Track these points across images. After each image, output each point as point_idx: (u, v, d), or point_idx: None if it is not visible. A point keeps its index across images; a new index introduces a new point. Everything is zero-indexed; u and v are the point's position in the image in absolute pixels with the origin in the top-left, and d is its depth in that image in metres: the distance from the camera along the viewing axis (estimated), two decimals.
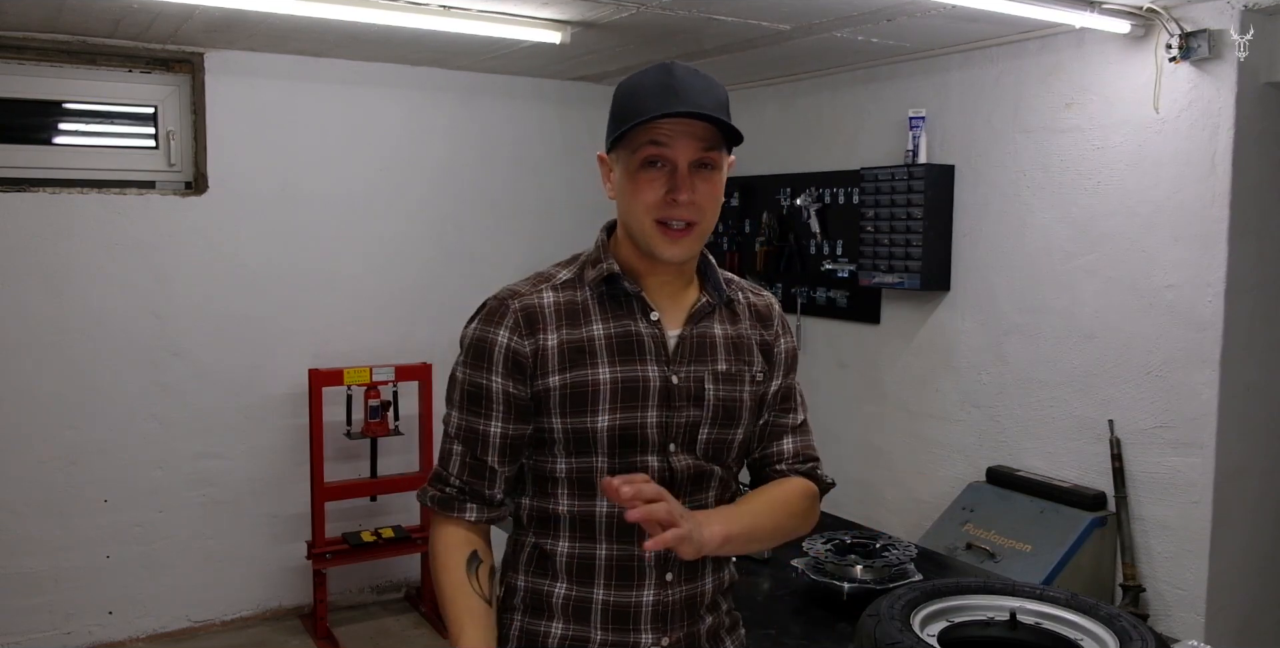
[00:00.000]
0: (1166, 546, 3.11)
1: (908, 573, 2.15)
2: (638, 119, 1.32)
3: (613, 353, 1.39)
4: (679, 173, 1.35)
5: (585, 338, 1.39)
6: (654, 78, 1.35)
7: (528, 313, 1.40)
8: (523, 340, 1.39)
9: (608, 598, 1.40)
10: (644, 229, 1.37)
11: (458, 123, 4.34)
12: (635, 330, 1.41)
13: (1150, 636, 1.58)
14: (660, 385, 1.39)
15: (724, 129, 1.34)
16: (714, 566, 1.48)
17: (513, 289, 1.44)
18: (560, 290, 1.43)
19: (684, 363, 1.42)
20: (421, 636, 4.00)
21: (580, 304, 1.42)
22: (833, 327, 4.26)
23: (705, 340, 1.45)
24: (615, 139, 1.36)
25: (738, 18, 3.16)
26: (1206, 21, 2.89)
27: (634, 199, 1.37)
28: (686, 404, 1.41)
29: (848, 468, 4.16)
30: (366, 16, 2.97)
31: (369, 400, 3.97)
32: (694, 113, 1.31)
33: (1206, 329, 2.97)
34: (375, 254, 4.21)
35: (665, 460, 1.40)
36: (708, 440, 1.43)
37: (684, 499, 1.40)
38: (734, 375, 1.45)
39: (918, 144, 3.71)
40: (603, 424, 1.37)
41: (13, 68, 3.54)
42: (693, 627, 1.45)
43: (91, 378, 3.70)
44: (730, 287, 1.52)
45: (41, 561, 3.67)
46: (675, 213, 1.35)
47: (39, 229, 3.58)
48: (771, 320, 1.54)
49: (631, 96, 1.36)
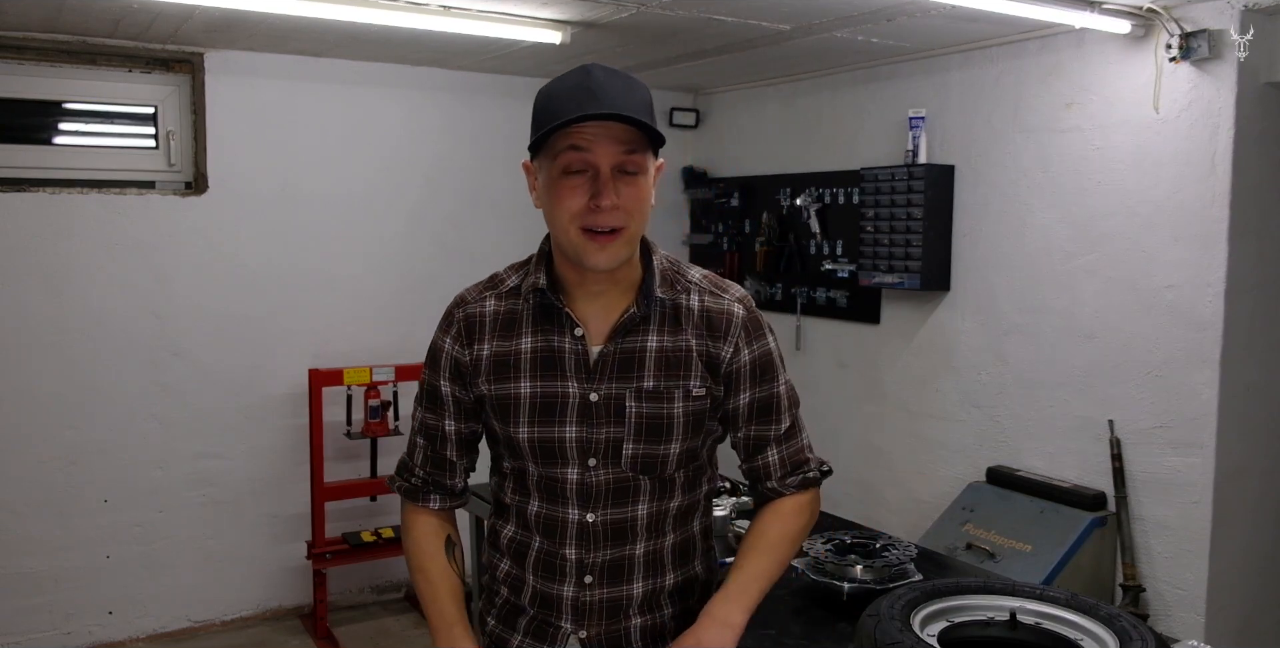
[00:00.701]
0: (1166, 546, 3.11)
1: (908, 573, 2.14)
2: (554, 123, 1.29)
3: (535, 367, 1.43)
4: (601, 177, 1.32)
5: (512, 351, 1.44)
6: (572, 81, 1.32)
7: (469, 323, 1.47)
8: (463, 350, 1.47)
9: (536, 585, 1.50)
10: (570, 238, 1.35)
11: (458, 123, 4.34)
12: (558, 346, 1.42)
13: (1150, 636, 1.58)
14: (579, 402, 1.41)
15: (645, 130, 1.31)
16: (650, 573, 1.49)
17: (463, 296, 1.51)
18: (504, 298, 1.47)
19: (605, 380, 1.42)
20: (421, 636, 3.99)
21: (516, 314, 1.46)
22: (833, 327, 4.26)
23: (631, 356, 1.42)
24: (535, 144, 1.34)
25: (738, 18, 3.16)
26: (1206, 21, 2.89)
27: (558, 207, 1.34)
28: (606, 421, 1.42)
29: (848, 468, 4.17)
30: (366, 16, 2.97)
31: (369, 400, 3.97)
32: (610, 114, 1.28)
33: (1206, 329, 2.97)
34: (375, 254, 4.21)
35: (584, 474, 1.43)
36: (634, 455, 1.43)
37: (606, 510, 1.45)
38: (660, 392, 1.42)
39: (918, 144, 3.71)
40: (523, 436, 1.44)
41: (13, 68, 3.54)
42: (615, 625, 1.48)
43: (91, 378, 3.70)
44: (681, 290, 1.46)
45: (41, 561, 3.67)
46: (600, 219, 1.33)
47: (39, 229, 3.58)
48: (725, 331, 1.45)
49: (549, 100, 1.33)
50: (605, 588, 1.48)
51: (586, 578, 1.47)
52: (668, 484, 1.48)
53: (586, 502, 1.45)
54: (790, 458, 1.53)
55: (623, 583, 1.49)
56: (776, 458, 1.52)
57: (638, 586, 1.49)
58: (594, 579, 1.47)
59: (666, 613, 1.52)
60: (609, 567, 1.48)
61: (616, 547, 1.47)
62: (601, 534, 1.46)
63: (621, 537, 1.47)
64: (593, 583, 1.47)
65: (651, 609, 1.51)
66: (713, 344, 1.45)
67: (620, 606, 1.48)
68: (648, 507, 1.47)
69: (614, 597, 1.49)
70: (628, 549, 1.48)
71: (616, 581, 1.48)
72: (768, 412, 1.51)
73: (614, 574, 1.48)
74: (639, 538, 1.48)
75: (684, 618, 1.52)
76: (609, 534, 1.46)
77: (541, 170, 1.37)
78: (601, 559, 1.47)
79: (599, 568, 1.47)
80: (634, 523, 1.47)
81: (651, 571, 1.50)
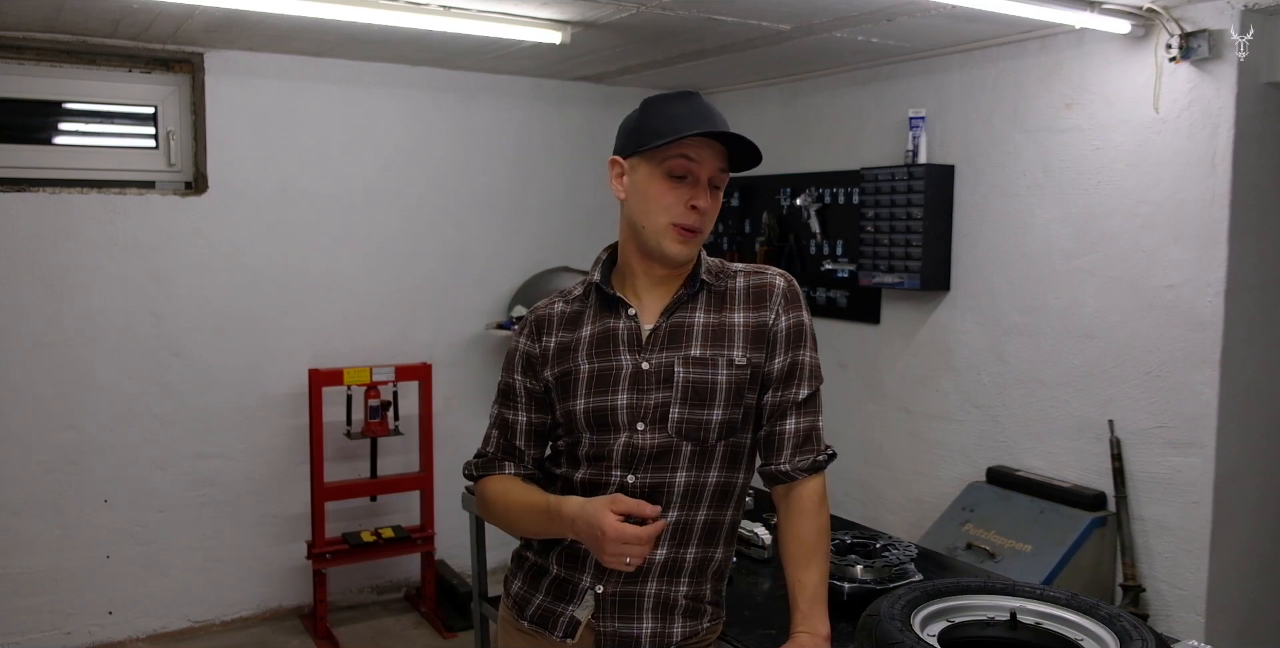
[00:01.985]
0: (1166, 546, 3.11)
1: (908, 573, 2.15)
2: (677, 134, 1.51)
3: (592, 347, 1.62)
4: (699, 185, 1.55)
5: (574, 339, 1.64)
6: (684, 102, 1.56)
7: (539, 322, 1.69)
8: (533, 344, 1.67)
9: (567, 540, 1.61)
10: (658, 228, 1.56)
11: (458, 123, 4.34)
12: (614, 326, 1.62)
13: (1150, 636, 1.58)
14: (631, 371, 1.58)
15: (743, 154, 1.56)
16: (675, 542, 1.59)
17: (536, 306, 1.73)
18: (570, 302, 1.69)
19: (656, 350, 1.59)
20: (422, 636, 4.00)
21: (581, 313, 1.66)
22: (833, 327, 4.26)
23: (680, 329, 1.60)
24: (645, 148, 1.54)
25: (738, 18, 3.16)
26: (1206, 21, 2.89)
27: (655, 202, 1.56)
28: (656, 387, 1.57)
29: (848, 468, 4.17)
30: (366, 16, 2.97)
31: (369, 400, 3.97)
32: (728, 134, 1.52)
33: (1206, 329, 2.97)
34: (375, 254, 4.21)
35: (632, 436, 1.57)
36: (679, 419, 1.56)
37: (646, 473, 1.57)
38: (706, 360, 1.57)
39: (918, 144, 3.71)
40: (580, 407, 1.59)
41: (13, 68, 3.54)
42: (631, 587, 1.59)
43: (91, 378, 3.71)
44: (727, 277, 1.65)
45: (41, 561, 3.67)
46: (691, 219, 1.55)
47: (39, 229, 3.58)
48: (769, 299, 1.62)
49: (664, 113, 1.56)
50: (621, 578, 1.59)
51: None
52: (707, 455, 1.58)
53: (630, 464, 1.57)
54: (805, 431, 1.61)
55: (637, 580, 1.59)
56: (792, 427, 1.61)
57: (661, 551, 1.58)
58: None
59: (681, 590, 1.61)
60: None
61: None
62: (638, 497, 1.54)
63: (656, 501, 1.54)
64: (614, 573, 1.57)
65: (668, 581, 1.60)
66: (759, 314, 1.61)
67: (640, 568, 1.55)
68: (686, 475, 1.58)
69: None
70: None
71: (632, 577, 1.58)
72: (792, 377, 1.61)
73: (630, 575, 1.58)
74: (673, 505, 1.58)
75: (695, 599, 1.62)
76: (645, 497, 1.55)
77: (639, 168, 1.57)
78: (633, 521, 1.53)
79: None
80: (670, 489, 1.58)
81: (677, 540, 1.59)
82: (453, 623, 3.99)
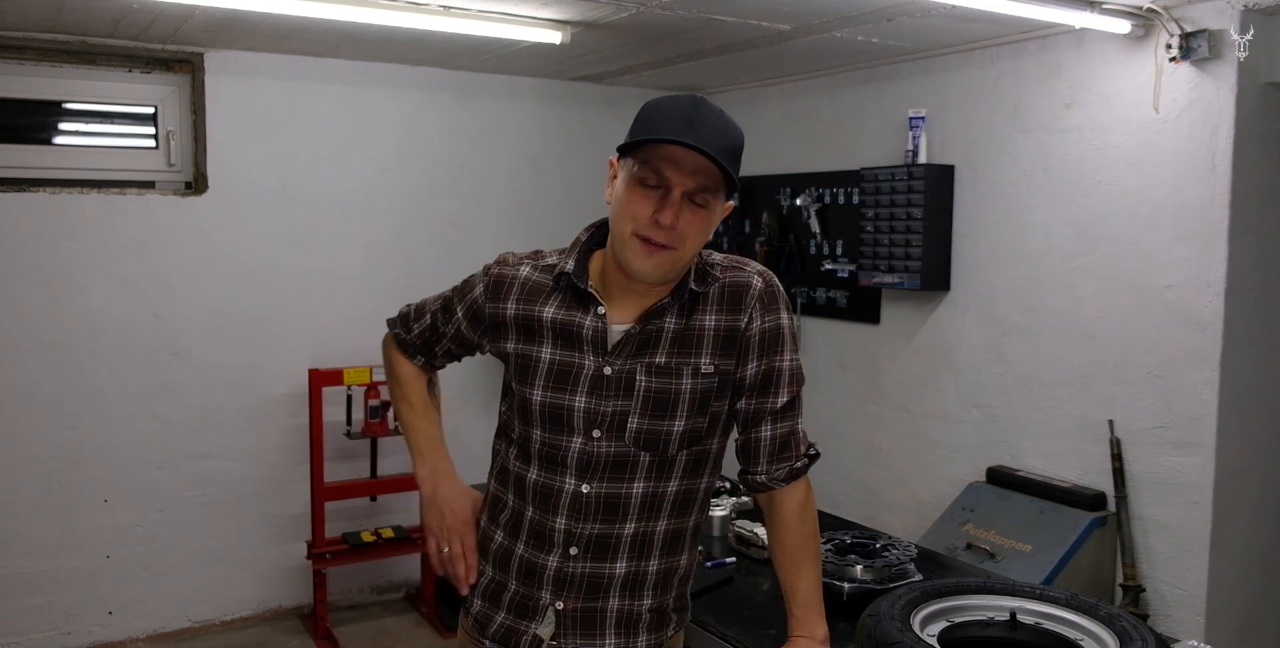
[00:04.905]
0: (1166, 546, 3.11)
1: (908, 573, 2.15)
2: (651, 136, 1.39)
3: (556, 337, 1.52)
4: (670, 198, 1.41)
5: (535, 317, 1.54)
6: (680, 104, 1.43)
7: (497, 282, 1.59)
8: (486, 302, 1.59)
9: (525, 554, 1.56)
10: (623, 238, 1.45)
11: (457, 123, 4.34)
12: (579, 321, 1.51)
13: (1150, 636, 1.58)
14: (592, 373, 1.50)
15: (723, 173, 1.40)
16: (635, 555, 1.53)
17: (504, 257, 1.63)
18: (538, 271, 1.58)
19: (621, 356, 1.50)
20: (422, 636, 4.00)
21: (545, 285, 1.55)
22: (833, 327, 4.26)
23: (650, 336, 1.50)
24: (626, 149, 1.43)
25: (738, 18, 3.16)
26: (1206, 21, 2.89)
27: (625, 209, 1.44)
28: (616, 394, 1.49)
29: (848, 468, 4.17)
30: (366, 16, 2.97)
31: (369, 401, 3.96)
32: (696, 147, 1.36)
33: (1206, 329, 2.97)
34: (375, 254, 4.21)
35: (587, 443, 1.50)
36: (638, 430, 1.49)
37: (602, 483, 1.50)
38: (670, 368, 1.49)
39: (918, 144, 3.71)
40: (536, 399, 1.52)
41: (13, 68, 3.54)
42: (593, 602, 1.53)
43: (91, 378, 3.70)
44: (713, 281, 1.52)
45: (41, 561, 3.67)
46: (655, 234, 1.42)
47: (39, 229, 3.58)
48: (744, 302, 1.51)
49: (655, 115, 1.44)
50: (589, 562, 1.52)
51: (572, 550, 1.52)
52: (667, 465, 1.52)
53: (585, 473, 1.50)
54: (780, 437, 1.55)
55: (607, 560, 1.52)
56: (768, 434, 1.55)
57: (621, 565, 1.53)
58: (579, 552, 1.52)
59: (645, 604, 1.56)
60: (596, 542, 1.51)
61: (606, 523, 1.51)
62: (594, 507, 1.50)
63: (613, 513, 1.51)
64: (577, 555, 1.52)
65: (631, 595, 1.55)
66: (732, 318, 1.51)
67: (601, 583, 1.52)
68: (643, 485, 1.51)
69: (596, 572, 1.52)
70: (617, 527, 1.52)
71: (601, 557, 1.52)
72: (768, 385, 1.54)
73: (599, 550, 1.52)
74: (630, 517, 1.52)
75: (659, 611, 1.57)
76: (601, 508, 1.51)
77: (623, 170, 1.46)
78: (590, 533, 1.51)
79: (586, 542, 1.51)
80: (627, 500, 1.51)
81: (637, 553, 1.53)
82: (453, 623, 3.99)
